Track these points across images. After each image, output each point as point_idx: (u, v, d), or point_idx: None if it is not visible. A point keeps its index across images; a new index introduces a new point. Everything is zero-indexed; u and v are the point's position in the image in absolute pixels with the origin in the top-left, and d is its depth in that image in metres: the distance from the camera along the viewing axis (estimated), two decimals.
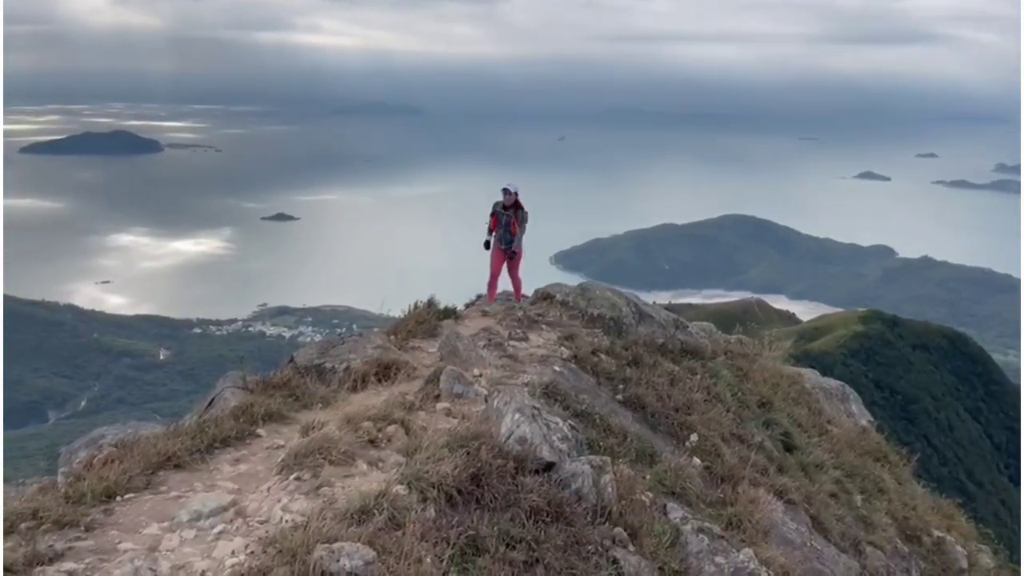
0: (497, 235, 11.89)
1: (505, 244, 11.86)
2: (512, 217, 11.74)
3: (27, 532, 4.84)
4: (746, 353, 13.01)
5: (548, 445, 6.25)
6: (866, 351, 59.49)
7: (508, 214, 11.72)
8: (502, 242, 11.85)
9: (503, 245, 11.85)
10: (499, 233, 11.85)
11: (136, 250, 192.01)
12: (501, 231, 11.80)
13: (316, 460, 5.63)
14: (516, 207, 11.73)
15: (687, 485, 7.56)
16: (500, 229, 11.80)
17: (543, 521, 5.51)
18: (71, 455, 6.76)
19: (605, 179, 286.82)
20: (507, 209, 11.72)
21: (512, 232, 11.73)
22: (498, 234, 11.87)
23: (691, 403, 9.70)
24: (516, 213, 11.72)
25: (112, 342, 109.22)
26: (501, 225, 11.77)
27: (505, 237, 11.81)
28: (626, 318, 11.51)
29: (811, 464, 10.32)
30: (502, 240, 11.84)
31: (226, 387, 8.20)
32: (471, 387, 8.07)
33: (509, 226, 11.71)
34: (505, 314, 11.77)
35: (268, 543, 4.50)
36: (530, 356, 9.84)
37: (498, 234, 11.87)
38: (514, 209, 11.72)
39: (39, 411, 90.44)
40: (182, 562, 4.53)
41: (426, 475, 5.33)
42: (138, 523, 5.05)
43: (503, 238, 11.82)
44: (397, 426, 6.61)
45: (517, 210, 11.74)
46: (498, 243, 11.89)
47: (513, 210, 11.72)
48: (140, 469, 5.74)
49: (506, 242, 11.83)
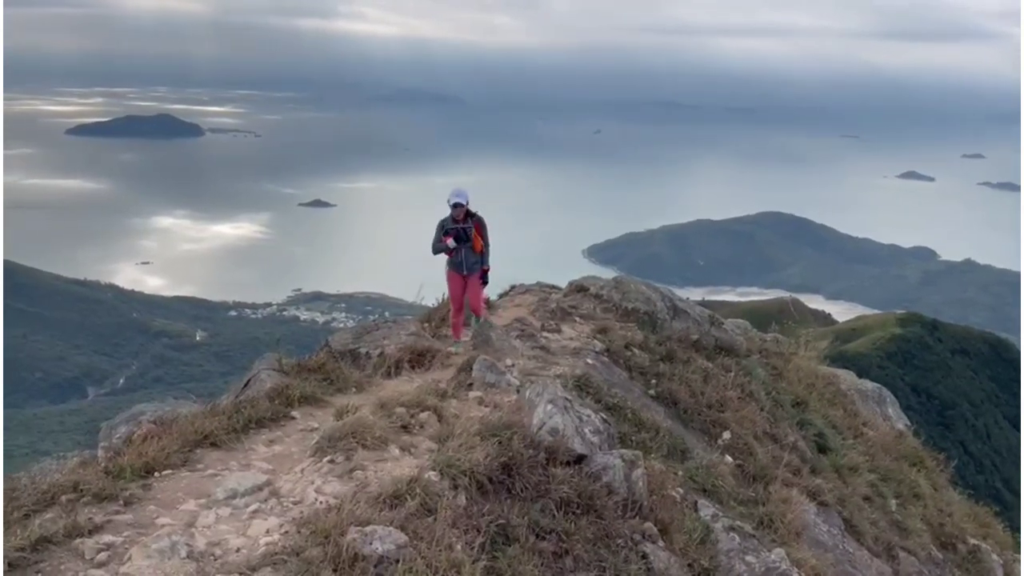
0: (456, 260, 9.59)
1: (469, 267, 9.60)
2: (469, 231, 9.40)
3: (68, 504, 4.95)
4: (781, 352, 12.87)
5: (580, 437, 6.24)
6: (903, 354, 58.42)
7: (465, 227, 9.40)
8: (464, 266, 9.59)
9: (467, 269, 9.60)
10: (458, 257, 9.54)
11: (176, 232, 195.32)
12: (462, 253, 9.49)
13: (349, 443, 5.68)
14: (467, 216, 9.47)
15: (719, 483, 7.51)
16: (460, 251, 9.48)
17: (573, 513, 5.51)
18: (111, 430, 6.90)
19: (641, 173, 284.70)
20: (459, 222, 9.42)
21: (476, 249, 9.50)
22: (456, 258, 9.57)
23: (724, 400, 9.63)
24: (474, 221, 9.48)
25: (150, 322, 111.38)
26: (459, 243, 9.42)
27: (468, 259, 9.54)
28: (660, 313, 11.42)
29: (845, 466, 10.19)
30: (465, 264, 9.57)
31: (262, 369, 8.31)
32: (503, 377, 8.09)
33: (470, 241, 9.43)
34: (538, 305, 11.76)
35: (302, 523, 4.56)
36: (563, 348, 9.82)
37: (456, 258, 9.57)
38: (467, 219, 9.46)
39: (79, 387, 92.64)
40: (218, 539, 4.61)
41: (458, 463, 5.36)
42: (175, 499, 5.14)
43: (465, 262, 9.55)
44: (430, 413, 6.64)
45: (470, 218, 9.48)
46: (458, 269, 9.65)
47: (466, 220, 9.45)
48: (178, 446, 5.84)
49: (469, 265, 9.58)
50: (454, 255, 9.51)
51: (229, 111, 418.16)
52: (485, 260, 9.68)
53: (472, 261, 9.55)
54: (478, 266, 9.62)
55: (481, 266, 9.67)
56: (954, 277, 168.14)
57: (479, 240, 9.46)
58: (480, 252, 9.58)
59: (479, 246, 9.50)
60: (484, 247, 9.60)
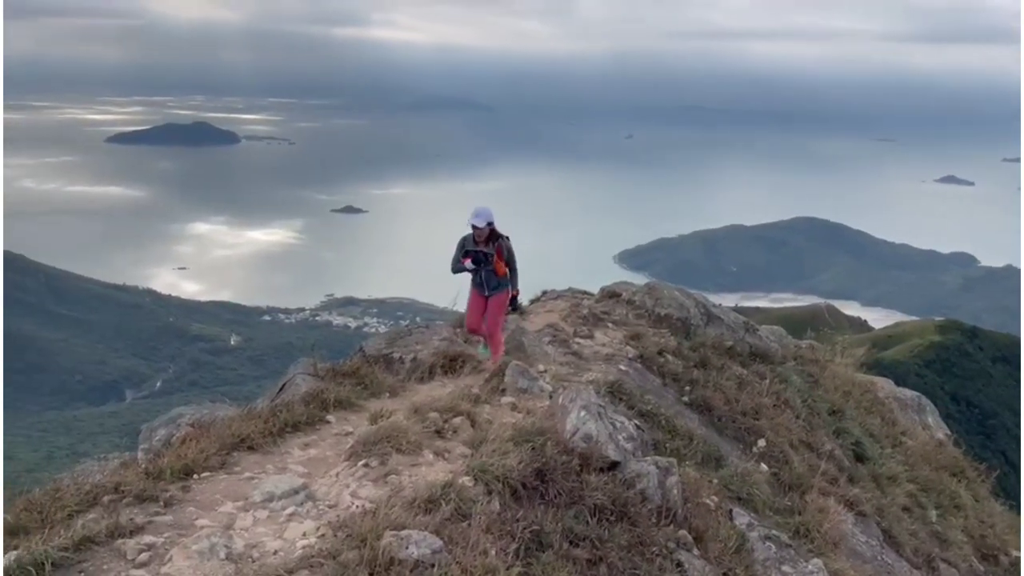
0: (476, 280, 8.96)
1: (491, 289, 8.88)
2: (490, 256, 8.69)
3: (110, 505, 5.05)
4: (817, 359, 12.69)
5: (614, 444, 6.21)
6: (942, 362, 57.25)
7: (485, 251, 8.72)
8: (486, 287, 8.89)
9: (489, 291, 8.89)
10: (480, 277, 8.87)
11: (212, 238, 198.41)
12: (483, 274, 8.82)
13: (384, 448, 5.72)
14: (491, 237, 8.78)
15: (754, 491, 7.42)
16: (480, 272, 8.81)
17: (607, 520, 5.49)
18: (151, 433, 7.03)
19: (672, 178, 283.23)
20: (480, 243, 8.77)
21: (498, 271, 8.75)
22: (477, 279, 8.93)
23: (759, 408, 9.52)
24: (496, 245, 8.75)
25: (187, 326, 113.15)
26: (479, 265, 8.73)
27: (490, 281, 8.85)
28: (694, 319, 11.34)
29: (884, 476, 10.02)
30: (486, 285, 8.88)
31: (297, 373, 8.41)
32: (536, 382, 8.08)
33: (490, 265, 8.72)
34: (570, 311, 11.75)
35: (338, 527, 4.60)
36: (595, 354, 9.80)
37: (477, 279, 8.93)
38: (490, 241, 8.77)
39: (118, 390, 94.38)
40: (255, 541, 4.67)
41: (492, 468, 5.36)
42: (214, 501, 5.22)
43: (488, 281, 8.85)
44: (463, 418, 6.66)
45: (494, 241, 8.77)
46: (480, 289, 8.99)
47: (489, 242, 8.76)
48: (216, 449, 5.93)
49: (491, 287, 8.87)
50: (475, 275, 8.90)
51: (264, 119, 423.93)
52: (513, 283, 8.94)
53: (494, 284, 8.85)
54: (501, 289, 8.88)
55: (507, 289, 8.91)
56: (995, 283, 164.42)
57: (500, 264, 8.72)
58: (503, 275, 8.82)
59: (501, 270, 8.76)
60: (510, 271, 8.86)
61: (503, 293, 8.93)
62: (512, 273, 8.89)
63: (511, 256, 8.82)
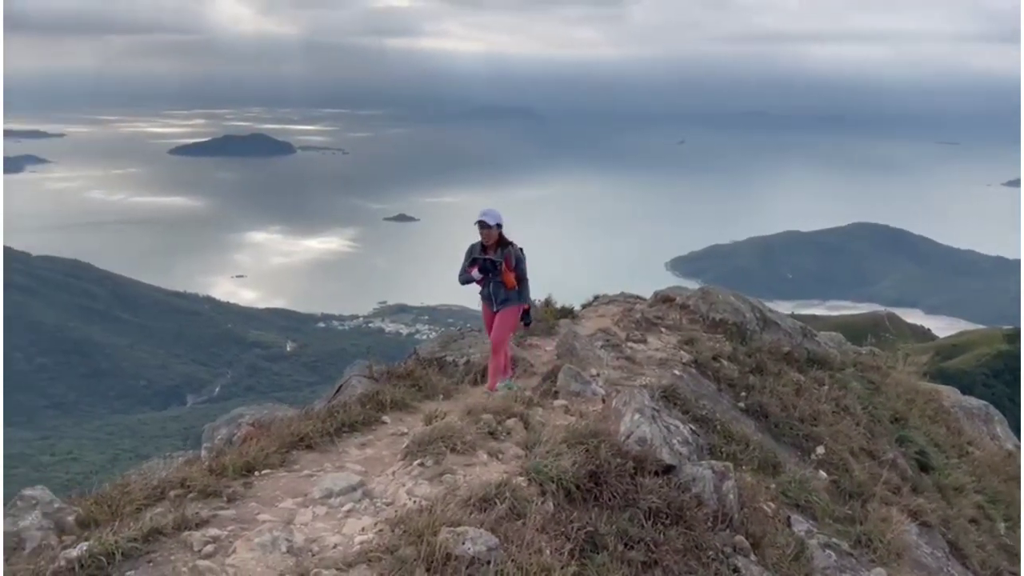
0: (484, 292, 8.23)
1: (499, 303, 8.12)
2: (498, 263, 7.99)
3: (176, 499, 5.21)
4: (878, 366, 12.37)
5: (668, 447, 6.17)
6: (1012, 372, 55.14)
7: (492, 258, 8.01)
8: (494, 301, 8.14)
9: (496, 305, 8.14)
10: (488, 289, 8.15)
11: (269, 247, 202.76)
12: (490, 286, 8.11)
13: (439, 448, 5.79)
14: (500, 244, 8.09)
15: (813, 498, 7.28)
16: (488, 283, 8.11)
17: (662, 523, 5.45)
18: (213, 432, 7.25)
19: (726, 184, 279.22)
20: (488, 249, 8.08)
21: (506, 283, 8.01)
22: (485, 291, 8.21)
23: (818, 414, 9.34)
24: (503, 253, 8.04)
25: (244, 333, 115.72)
26: (488, 275, 8.05)
27: (498, 294, 8.11)
28: (750, 324, 11.18)
29: (949, 486, 9.70)
30: (494, 299, 8.13)
31: (353, 375, 8.58)
32: (588, 386, 8.08)
33: (499, 275, 8.02)
34: (623, 315, 11.69)
35: (395, 523, 4.67)
36: (648, 359, 9.74)
37: (485, 291, 8.21)
38: (498, 248, 8.08)
39: (179, 394, 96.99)
40: (315, 536, 4.78)
41: (546, 469, 5.39)
42: (274, 497, 5.35)
43: (496, 294, 8.11)
44: (516, 420, 6.70)
45: (503, 248, 8.07)
46: (488, 303, 8.25)
47: (497, 250, 8.07)
48: (276, 447, 6.08)
49: (499, 300, 8.11)
50: (483, 286, 8.18)
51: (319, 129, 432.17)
52: (524, 296, 8.20)
53: (502, 297, 8.09)
54: (511, 303, 8.12)
55: (518, 302, 8.15)
56: None
57: (509, 275, 7.99)
58: (512, 288, 8.07)
59: (510, 281, 8.01)
60: (520, 283, 8.12)
61: (512, 308, 8.14)
62: (522, 285, 8.17)
63: (521, 266, 8.11)
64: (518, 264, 8.07)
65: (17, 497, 4.98)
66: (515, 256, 8.04)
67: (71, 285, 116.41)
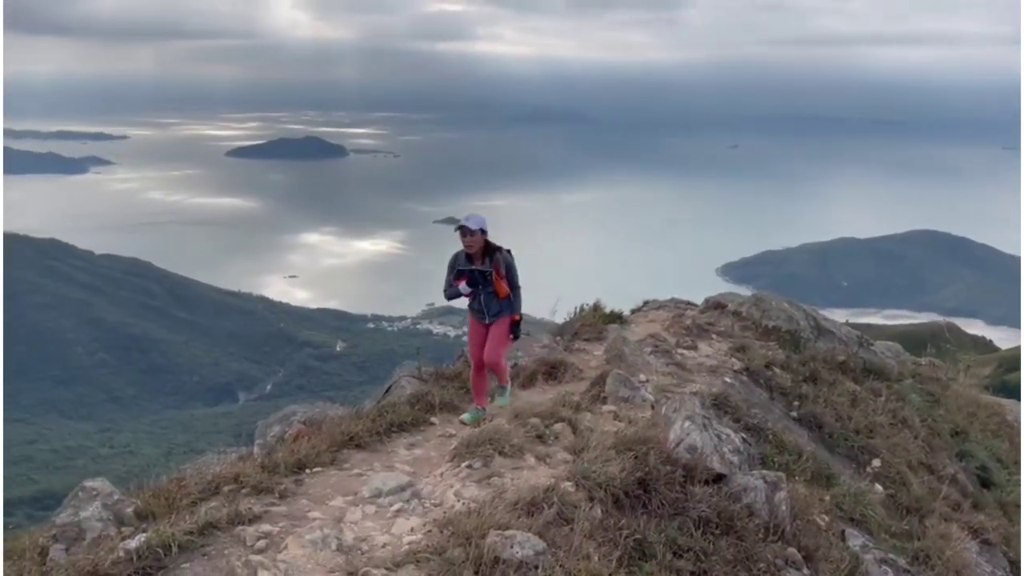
0: (475, 305, 7.43)
1: (492, 315, 7.34)
2: (488, 274, 7.21)
3: (229, 494, 5.33)
4: (938, 377, 12.01)
5: (719, 456, 6.07)
6: None
7: (481, 268, 7.22)
8: (486, 314, 7.36)
9: (489, 317, 7.36)
10: (479, 301, 7.35)
11: (321, 248, 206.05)
12: (482, 298, 7.31)
13: (487, 450, 5.80)
14: (487, 251, 7.26)
15: (868, 512, 7.10)
16: (479, 296, 7.30)
17: (712, 533, 5.37)
18: (266, 428, 7.38)
19: (780, 189, 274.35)
20: (474, 258, 7.26)
21: (499, 293, 7.24)
22: (476, 304, 7.40)
23: (874, 426, 9.10)
24: (493, 261, 7.24)
25: (296, 332, 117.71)
26: (474, 287, 7.26)
27: (491, 306, 7.32)
28: (804, 332, 10.96)
29: (1012, 503, 9.37)
30: (487, 311, 7.35)
31: (403, 376, 8.65)
32: (637, 392, 8.01)
33: (490, 286, 7.23)
34: (673, 321, 11.57)
35: (444, 524, 4.70)
36: (699, 365, 9.62)
37: (476, 304, 7.40)
38: (484, 256, 7.26)
39: (231, 392, 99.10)
40: (364, 535, 4.83)
41: (594, 475, 5.35)
42: (325, 495, 5.43)
43: (488, 307, 7.32)
44: (564, 424, 6.69)
45: (490, 256, 7.27)
46: (479, 316, 7.46)
47: (484, 258, 7.26)
48: (327, 446, 6.17)
49: (492, 312, 7.33)
50: (473, 299, 7.40)
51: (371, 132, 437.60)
52: (515, 306, 7.36)
53: (496, 309, 7.32)
54: (504, 314, 7.34)
55: (509, 313, 7.35)
56: None
57: (501, 284, 7.22)
58: (506, 297, 7.31)
59: (503, 291, 7.24)
60: (513, 291, 7.32)
61: (505, 319, 7.36)
62: (514, 293, 7.32)
63: (512, 273, 7.31)
64: (509, 271, 7.30)
65: (79, 488, 5.15)
66: (505, 262, 7.28)
67: (131, 283, 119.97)
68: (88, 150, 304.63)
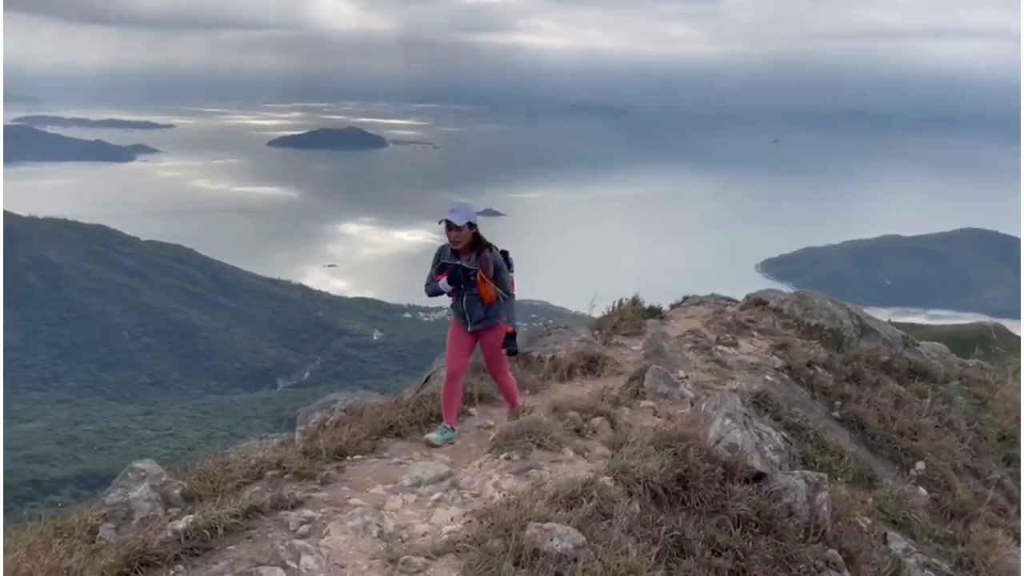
0: (457, 308, 6.53)
1: (476, 322, 6.46)
2: (472, 270, 6.29)
3: (272, 479, 5.42)
4: (986, 380, 11.73)
5: (759, 454, 6.02)
6: None
7: (464, 265, 6.32)
8: (469, 319, 6.45)
9: (472, 324, 6.47)
10: (461, 304, 6.46)
11: (360, 238, 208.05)
12: (464, 301, 6.43)
13: (525, 443, 5.82)
14: (476, 247, 6.33)
15: (911, 515, 6.98)
16: (461, 297, 6.43)
17: (751, 532, 5.33)
18: (307, 416, 7.48)
19: (822, 185, 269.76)
20: (460, 253, 6.34)
21: (484, 296, 6.32)
22: (458, 307, 6.51)
23: (918, 428, 8.94)
24: (480, 258, 6.30)
25: (334, 321, 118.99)
26: (459, 286, 6.37)
27: (474, 311, 6.42)
28: (847, 331, 10.78)
29: None
30: (468, 317, 6.45)
31: (441, 366, 8.69)
32: (676, 388, 7.96)
33: (473, 287, 6.32)
34: (713, 317, 11.46)
35: (483, 515, 4.73)
36: (739, 363, 9.52)
37: (458, 307, 6.51)
38: (472, 252, 6.32)
39: (270, 378, 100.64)
40: (404, 523, 4.89)
41: (633, 470, 5.34)
42: (365, 482, 5.50)
43: (471, 311, 6.42)
44: (603, 419, 6.66)
45: (479, 253, 6.31)
46: (461, 321, 6.55)
47: (471, 254, 6.32)
48: (367, 434, 6.24)
49: (475, 319, 6.44)
50: (455, 300, 6.50)
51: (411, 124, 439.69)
52: (509, 315, 6.43)
53: (480, 314, 6.39)
54: (491, 322, 6.43)
55: (500, 322, 6.43)
56: None
57: (487, 287, 6.24)
58: (492, 303, 6.33)
59: (489, 296, 6.27)
60: (502, 298, 6.34)
61: (495, 328, 6.43)
62: (506, 300, 6.37)
63: (501, 274, 6.31)
64: (497, 272, 6.27)
65: (128, 469, 5.28)
66: (494, 263, 6.27)
67: (175, 269, 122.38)
68: (135, 139, 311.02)
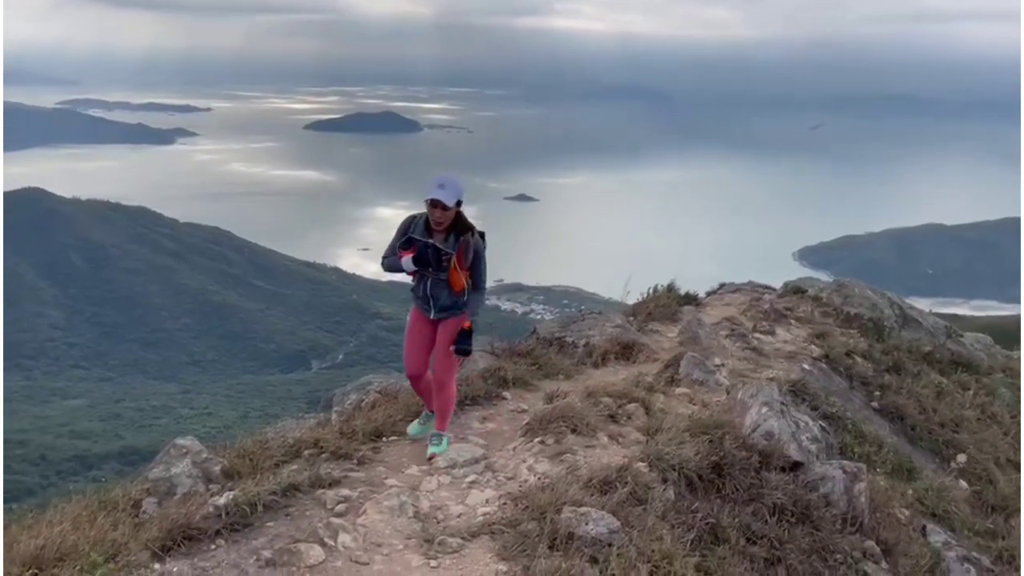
0: (419, 292, 5.76)
1: (439, 310, 5.70)
2: (444, 256, 5.53)
3: (309, 458, 5.50)
4: None
5: (796, 444, 5.96)
6: None
7: (439, 246, 5.53)
8: (432, 305, 5.70)
9: (435, 312, 5.72)
10: (424, 288, 5.69)
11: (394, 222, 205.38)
12: (427, 285, 5.66)
13: (559, 427, 5.82)
14: (456, 229, 5.58)
15: (951, 508, 6.87)
16: (424, 280, 5.66)
17: (787, 521, 5.28)
18: (343, 396, 7.56)
19: (864, 172, 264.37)
20: (436, 233, 5.56)
21: (454, 285, 5.59)
22: (420, 290, 5.73)
23: (960, 420, 8.77)
24: (459, 242, 5.55)
25: (368, 304, 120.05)
26: (426, 268, 5.57)
27: (438, 297, 5.67)
28: (888, 320, 10.60)
29: None
30: (432, 304, 5.70)
31: (475, 351, 8.72)
32: (712, 375, 7.90)
33: (442, 272, 5.56)
34: (750, 305, 11.34)
35: (518, 498, 4.75)
36: (776, 351, 9.42)
37: (420, 290, 5.73)
38: (451, 233, 5.57)
39: (304, 360, 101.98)
40: (439, 504, 4.93)
41: (667, 456, 5.32)
42: (400, 463, 5.56)
43: (435, 297, 5.67)
44: (637, 405, 6.64)
45: (457, 235, 5.57)
46: (423, 307, 5.79)
47: (449, 235, 5.56)
48: (402, 415, 6.30)
49: (439, 307, 5.69)
50: (416, 282, 5.72)
51: (446, 108, 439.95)
52: (473, 305, 5.68)
53: (444, 302, 5.65)
54: (455, 312, 5.67)
55: (461, 311, 5.66)
56: None
57: (458, 275, 5.53)
58: (460, 292, 5.61)
59: (458, 283, 5.55)
60: (471, 287, 5.64)
61: (457, 319, 5.67)
62: (475, 294, 5.67)
63: (480, 265, 5.62)
64: (476, 262, 5.59)
65: (170, 445, 5.40)
66: (475, 249, 5.56)
67: (212, 251, 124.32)
68: (175, 122, 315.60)
